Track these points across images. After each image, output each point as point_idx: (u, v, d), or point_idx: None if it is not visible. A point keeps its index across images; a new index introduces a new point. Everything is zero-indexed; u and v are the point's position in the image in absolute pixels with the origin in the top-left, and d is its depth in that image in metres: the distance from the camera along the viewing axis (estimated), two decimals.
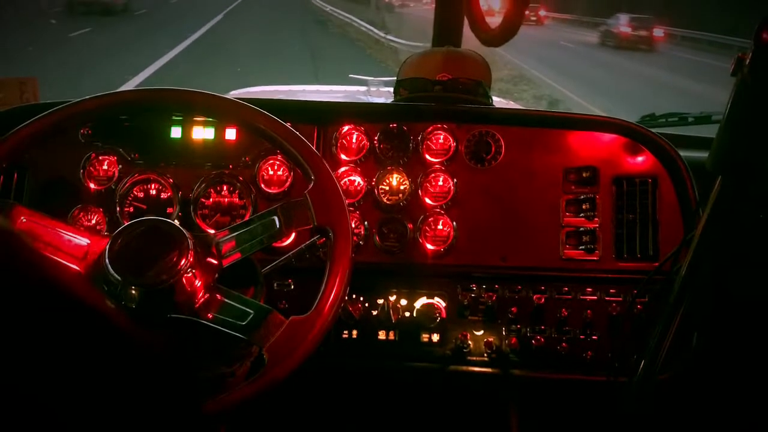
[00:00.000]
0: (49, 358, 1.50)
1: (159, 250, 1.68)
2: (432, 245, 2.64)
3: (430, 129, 2.69)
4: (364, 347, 2.66)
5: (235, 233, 1.83)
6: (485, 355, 2.63)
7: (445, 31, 3.61)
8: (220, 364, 1.84)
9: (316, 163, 1.91)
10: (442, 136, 2.68)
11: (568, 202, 2.64)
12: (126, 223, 1.73)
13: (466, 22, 3.27)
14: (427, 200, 2.66)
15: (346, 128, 2.70)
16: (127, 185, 2.61)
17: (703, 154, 1.87)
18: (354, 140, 2.70)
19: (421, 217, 2.65)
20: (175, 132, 2.66)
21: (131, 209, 2.62)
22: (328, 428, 3.10)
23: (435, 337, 2.65)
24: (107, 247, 1.67)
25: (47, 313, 1.49)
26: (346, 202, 1.89)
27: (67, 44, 24.15)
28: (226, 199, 2.64)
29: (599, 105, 17.92)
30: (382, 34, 28.02)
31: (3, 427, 1.56)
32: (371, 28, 30.18)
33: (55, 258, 1.67)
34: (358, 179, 2.67)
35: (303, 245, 2.12)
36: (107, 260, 1.64)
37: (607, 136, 2.66)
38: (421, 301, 2.62)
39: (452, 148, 2.67)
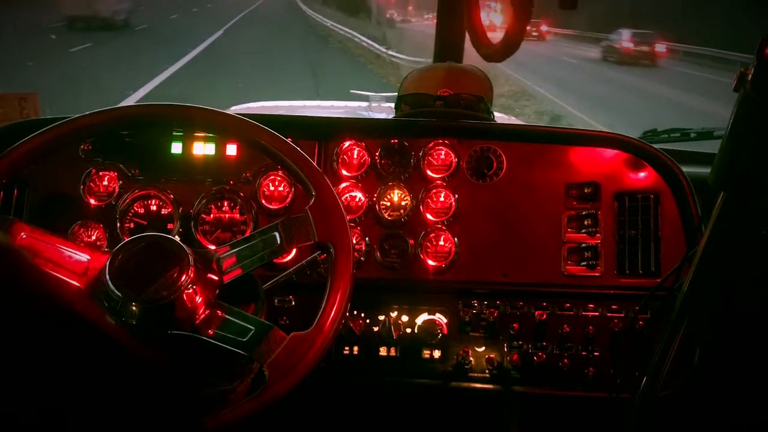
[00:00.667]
0: (48, 375, 1.50)
1: (159, 266, 1.68)
2: (433, 261, 2.63)
3: (431, 144, 2.68)
4: (365, 363, 2.65)
5: (236, 249, 1.83)
6: (487, 371, 2.62)
7: (447, 46, 3.62)
8: (220, 381, 1.83)
9: (317, 178, 1.91)
10: (443, 152, 2.68)
11: (569, 218, 2.64)
12: (126, 239, 1.74)
13: (467, 37, 3.27)
14: (429, 216, 2.65)
15: (347, 144, 2.69)
16: (127, 201, 2.61)
17: (706, 170, 1.86)
18: (355, 156, 2.70)
19: (423, 233, 2.64)
20: (176, 148, 2.65)
21: (132, 225, 2.62)
22: None
23: (436, 354, 2.64)
24: (107, 263, 1.67)
25: (47, 330, 1.48)
26: (347, 218, 1.90)
27: (67, 59, 24.20)
28: (227, 215, 2.64)
29: (601, 120, 17.95)
30: (383, 49, 28.07)
31: None
32: (372, 43, 30.23)
33: (56, 274, 1.67)
34: (359, 195, 2.67)
35: (304, 261, 2.12)
36: (107, 276, 1.64)
37: (609, 152, 2.66)
38: (422, 318, 2.60)
39: (454, 164, 2.67)
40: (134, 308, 1.63)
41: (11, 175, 1.86)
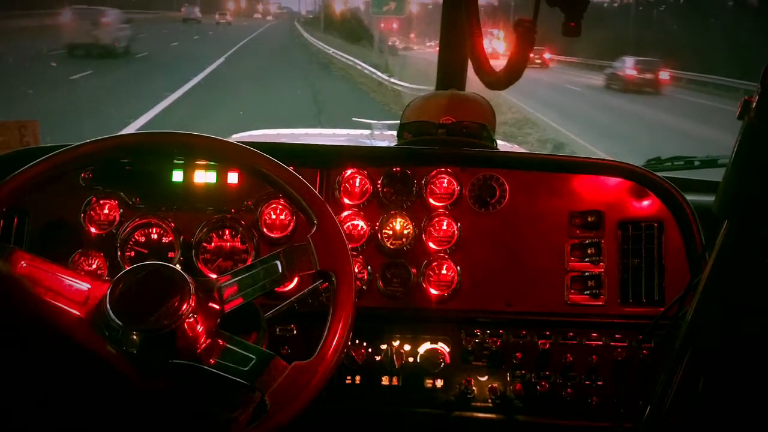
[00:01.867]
0: (50, 404, 1.49)
1: (160, 295, 1.67)
2: (436, 290, 2.62)
3: (433, 173, 2.68)
4: (367, 393, 2.64)
5: (238, 278, 1.82)
6: (490, 401, 2.61)
7: (449, 73, 3.62)
8: (222, 410, 1.83)
9: (318, 207, 1.91)
10: (445, 180, 2.67)
11: (573, 247, 2.62)
12: (127, 268, 1.73)
13: (470, 64, 3.27)
14: (431, 244, 2.64)
15: (349, 172, 2.69)
16: (128, 229, 2.60)
17: (710, 198, 1.85)
18: (357, 184, 2.69)
19: (425, 261, 2.63)
20: (177, 176, 2.65)
21: (132, 254, 2.61)
22: None
23: (439, 383, 2.63)
24: (108, 292, 1.66)
25: (48, 359, 1.47)
26: (349, 246, 1.89)
27: (67, 87, 24.20)
28: (228, 244, 2.63)
29: (604, 148, 17.93)
30: (385, 77, 28.14)
31: None
32: (374, 70, 30.29)
33: (56, 303, 1.66)
34: (361, 223, 2.66)
35: (306, 290, 2.11)
36: (108, 305, 1.63)
37: (613, 180, 2.65)
38: (424, 347, 2.59)
39: (456, 192, 2.66)
40: (135, 337, 1.62)
41: (11, 203, 1.85)
